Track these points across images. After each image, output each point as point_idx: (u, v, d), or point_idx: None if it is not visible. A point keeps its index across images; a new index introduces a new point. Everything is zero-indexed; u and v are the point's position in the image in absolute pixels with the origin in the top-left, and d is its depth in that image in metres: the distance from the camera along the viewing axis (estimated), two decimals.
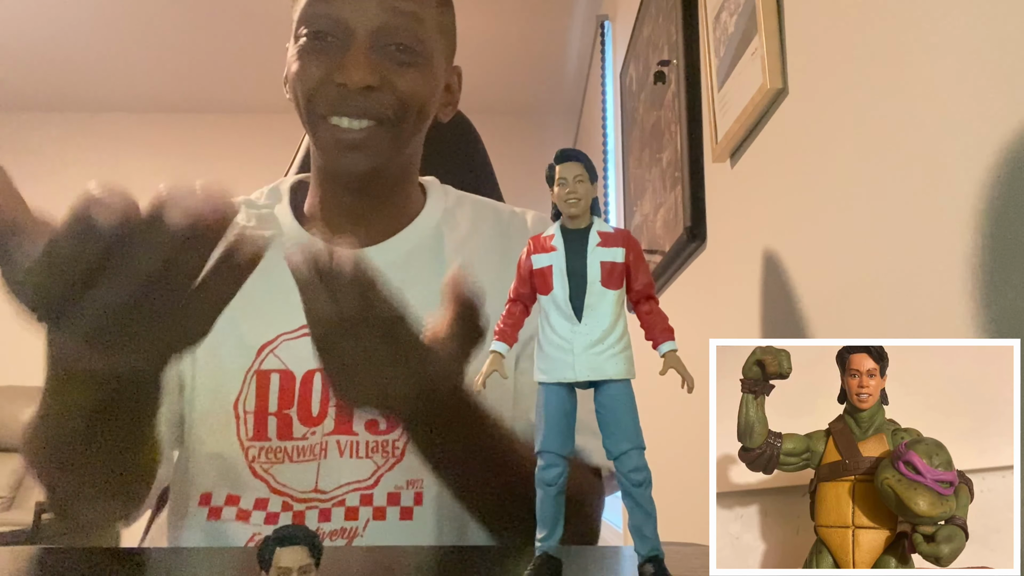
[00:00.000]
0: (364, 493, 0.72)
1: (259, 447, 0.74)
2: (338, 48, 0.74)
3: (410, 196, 0.86)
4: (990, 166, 0.52)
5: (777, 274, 0.93)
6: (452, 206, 0.88)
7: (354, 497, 0.72)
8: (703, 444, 0.39)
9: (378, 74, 0.73)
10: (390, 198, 0.83)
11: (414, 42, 0.76)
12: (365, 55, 0.73)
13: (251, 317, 0.77)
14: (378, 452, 0.74)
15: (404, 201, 0.85)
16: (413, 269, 0.80)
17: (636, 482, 0.36)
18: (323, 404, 0.75)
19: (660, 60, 1.56)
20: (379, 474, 0.74)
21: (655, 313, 0.38)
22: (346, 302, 0.49)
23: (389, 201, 0.83)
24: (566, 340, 0.37)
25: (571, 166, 0.38)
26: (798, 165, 0.87)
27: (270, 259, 0.79)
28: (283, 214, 0.85)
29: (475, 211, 0.89)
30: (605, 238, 0.38)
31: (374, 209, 0.82)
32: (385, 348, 0.51)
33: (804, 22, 0.87)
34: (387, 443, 0.74)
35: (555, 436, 0.38)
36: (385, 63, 0.74)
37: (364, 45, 0.73)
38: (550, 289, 0.38)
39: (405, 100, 0.76)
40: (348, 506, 0.72)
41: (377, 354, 0.51)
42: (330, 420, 0.74)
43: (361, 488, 0.72)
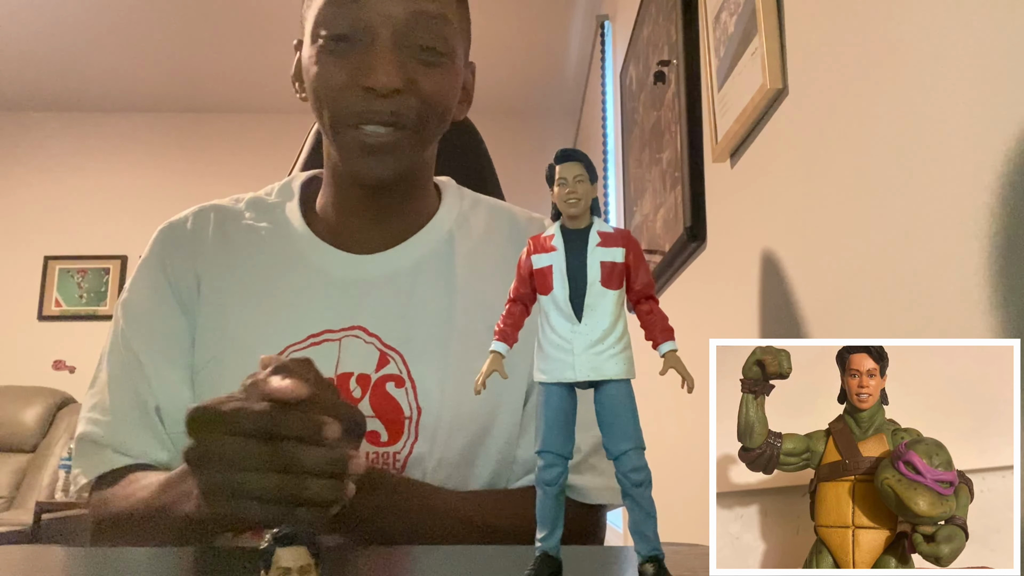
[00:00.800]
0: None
1: None
2: (362, 50, 0.72)
3: (425, 197, 0.84)
4: (990, 166, 0.52)
5: (777, 274, 0.93)
6: (467, 210, 0.86)
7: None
8: (703, 444, 0.39)
9: (404, 76, 0.71)
10: (406, 199, 0.82)
11: (438, 42, 0.74)
12: (391, 57, 0.71)
13: (259, 333, 0.76)
14: (379, 464, 0.72)
15: (420, 202, 0.83)
16: (422, 276, 0.80)
17: (636, 482, 0.36)
18: None
19: (660, 60, 1.56)
20: None
21: (655, 313, 0.38)
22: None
23: (405, 202, 0.82)
24: (566, 340, 0.37)
25: (571, 166, 0.38)
26: (798, 165, 0.87)
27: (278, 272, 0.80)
28: (292, 212, 0.83)
29: (489, 216, 0.86)
30: (605, 238, 0.38)
31: (389, 210, 0.81)
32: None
33: (804, 22, 0.87)
34: (388, 455, 0.73)
35: (555, 436, 0.37)
36: (410, 64, 0.72)
37: (388, 46, 0.71)
38: (550, 289, 0.38)
39: (429, 103, 0.74)
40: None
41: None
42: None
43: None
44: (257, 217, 0.83)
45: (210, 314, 0.77)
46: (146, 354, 0.77)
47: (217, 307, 0.78)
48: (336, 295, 0.78)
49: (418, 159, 0.78)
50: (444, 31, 0.74)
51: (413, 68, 0.73)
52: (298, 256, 0.80)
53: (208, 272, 0.79)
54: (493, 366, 0.38)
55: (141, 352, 0.77)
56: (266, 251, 0.80)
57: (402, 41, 0.72)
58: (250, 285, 0.78)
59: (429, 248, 0.81)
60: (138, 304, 0.79)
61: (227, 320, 0.77)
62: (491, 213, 0.87)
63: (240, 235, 0.81)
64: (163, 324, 0.78)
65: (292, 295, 0.78)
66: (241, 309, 0.77)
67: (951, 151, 0.57)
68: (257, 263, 0.79)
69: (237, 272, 0.79)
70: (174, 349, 0.77)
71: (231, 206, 0.85)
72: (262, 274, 0.79)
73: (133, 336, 0.78)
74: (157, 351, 0.77)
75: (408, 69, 0.72)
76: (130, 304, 0.80)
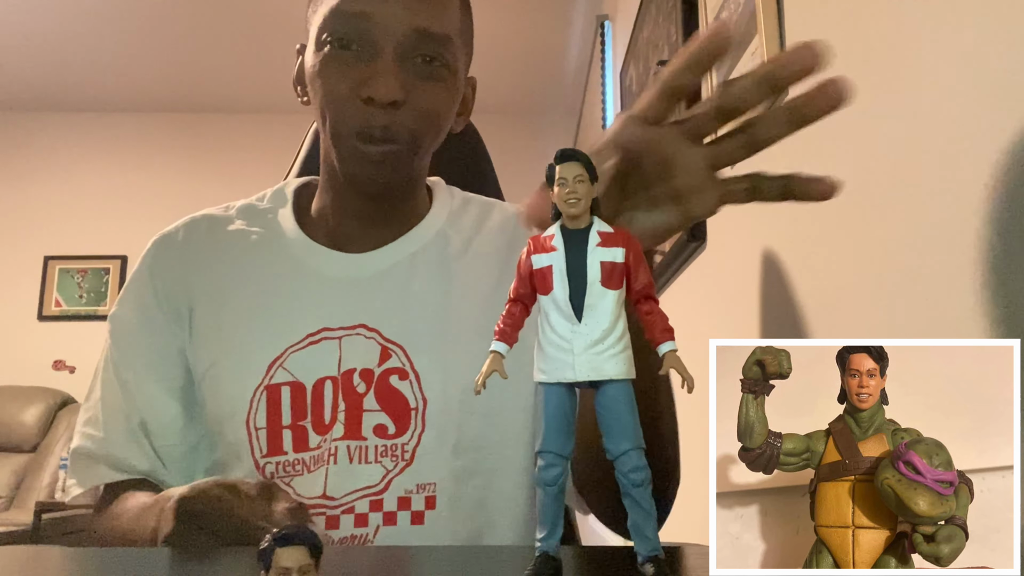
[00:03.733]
0: (373, 499, 0.72)
1: (275, 462, 0.74)
2: (364, 59, 0.73)
3: (418, 198, 0.87)
4: (991, 166, 0.52)
5: (777, 274, 0.93)
6: (458, 208, 0.88)
7: (363, 504, 0.72)
8: (703, 444, 0.39)
9: (404, 89, 0.72)
10: (401, 202, 0.84)
11: (440, 59, 0.75)
12: (392, 70, 0.72)
13: (256, 336, 0.77)
14: (387, 456, 0.73)
15: (413, 204, 0.86)
16: (417, 270, 0.81)
17: (636, 482, 0.36)
18: (333, 410, 0.74)
19: (660, 60, 1.56)
20: (389, 479, 0.73)
21: (655, 313, 0.38)
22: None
23: (399, 205, 0.84)
24: (566, 340, 0.37)
25: (571, 166, 0.38)
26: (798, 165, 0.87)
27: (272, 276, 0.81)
28: (285, 218, 0.85)
29: (480, 212, 0.89)
30: (605, 238, 0.38)
31: (383, 212, 0.83)
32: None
33: (804, 22, 0.87)
34: (396, 447, 0.73)
35: (555, 436, 0.37)
36: (411, 77, 0.73)
37: (390, 60, 0.72)
38: (550, 289, 0.38)
39: (426, 118, 0.75)
40: (357, 512, 0.71)
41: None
42: (339, 426, 0.74)
43: (370, 494, 0.72)
44: (249, 223, 0.84)
45: (205, 323, 0.79)
46: (131, 371, 0.79)
47: (212, 316, 0.79)
48: (332, 294, 0.79)
49: (411, 169, 0.80)
50: (447, 49, 0.75)
51: (413, 83, 0.73)
52: (291, 259, 0.81)
53: (201, 282, 0.81)
54: (493, 366, 0.38)
55: (126, 370, 0.79)
56: (259, 256, 0.82)
57: (404, 56, 0.73)
58: (244, 290, 0.80)
59: (422, 244, 0.83)
60: (126, 321, 0.81)
61: (223, 327, 0.78)
62: (481, 208, 0.89)
63: (232, 242, 0.83)
64: (149, 340, 0.80)
65: (287, 297, 0.79)
66: (236, 315, 0.78)
67: (951, 151, 0.57)
68: (250, 268, 0.81)
69: (231, 279, 0.80)
70: (159, 365, 0.79)
71: (222, 215, 0.86)
72: (256, 279, 0.80)
73: (119, 354, 0.80)
74: (141, 368, 0.79)
75: (408, 84, 0.73)
76: (117, 320, 0.82)
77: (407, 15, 0.72)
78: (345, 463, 0.72)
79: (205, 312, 0.79)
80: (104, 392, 0.80)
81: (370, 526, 0.71)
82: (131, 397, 0.78)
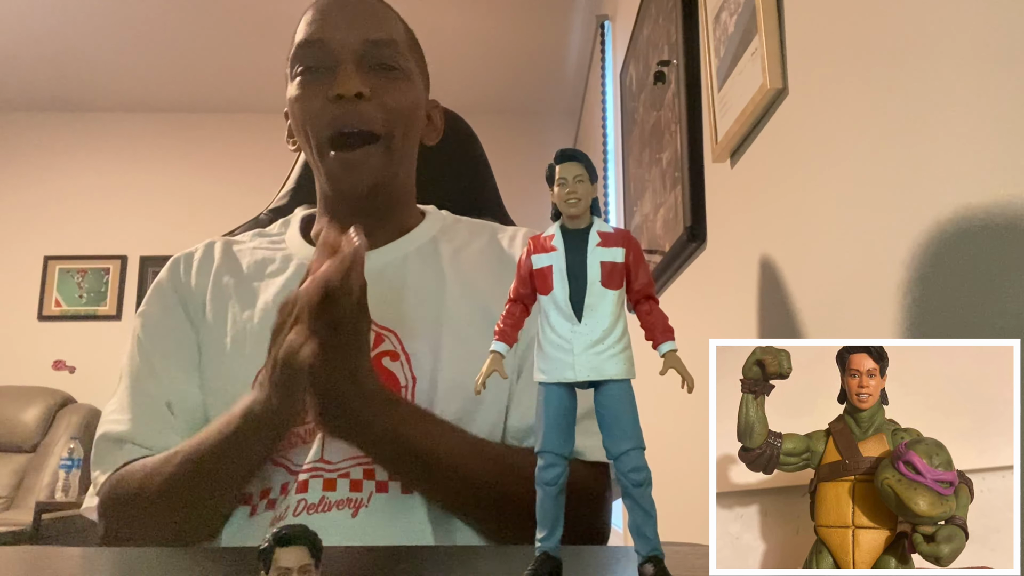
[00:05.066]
0: (367, 468, 0.75)
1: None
2: (329, 73, 0.84)
3: (409, 215, 0.94)
4: (991, 165, 0.52)
5: (777, 274, 0.93)
6: (450, 223, 0.96)
7: (358, 471, 0.75)
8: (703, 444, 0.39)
9: (367, 84, 0.83)
10: (390, 216, 0.91)
11: (392, 61, 0.86)
12: (352, 70, 0.83)
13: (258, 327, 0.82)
14: None
15: (403, 220, 0.93)
16: (410, 268, 0.87)
17: (636, 482, 0.36)
18: None
19: (660, 60, 1.56)
20: None
21: (655, 313, 0.38)
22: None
23: (389, 219, 0.91)
24: (566, 340, 0.37)
25: (571, 166, 0.38)
26: (798, 165, 0.87)
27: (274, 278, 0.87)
28: (292, 238, 0.94)
29: (471, 227, 0.96)
30: (605, 238, 0.38)
31: (376, 227, 0.88)
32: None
33: (804, 22, 0.87)
34: None
35: (555, 436, 0.38)
36: (372, 78, 0.84)
37: (351, 64, 0.84)
38: (550, 289, 0.38)
39: (393, 112, 0.85)
40: (352, 479, 0.75)
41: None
42: None
43: (364, 463, 0.75)
44: (261, 243, 0.95)
45: (215, 321, 0.86)
46: (159, 355, 0.86)
47: (221, 312, 0.86)
48: None
49: (393, 173, 0.88)
50: (397, 52, 0.87)
51: (376, 81, 0.84)
52: (294, 264, 0.89)
53: (214, 286, 0.89)
54: (493, 366, 0.38)
55: (154, 355, 0.86)
56: (267, 263, 0.91)
57: (361, 62, 0.85)
58: (250, 289, 0.88)
59: (415, 247, 0.90)
60: (152, 316, 0.90)
61: (230, 321, 0.85)
62: (472, 225, 0.97)
63: (244, 256, 0.93)
64: (173, 333, 0.88)
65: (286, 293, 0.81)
66: (242, 309, 0.86)
67: (951, 150, 0.57)
68: (258, 273, 0.90)
69: (239, 282, 0.89)
70: (183, 354, 0.86)
71: (236, 238, 0.98)
72: (262, 279, 0.89)
73: (148, 342, 0.88)
74: (168, 354, 0.86)
75: (370, 81, 0.84)
76: (145, 316, 0.91)
77: (355, 31, 0.85)
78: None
79: (215, 311, 0.87)
80: (131, 380, 0.86)
81: (364, 492, 0.74)
82: (159, 380, 0.84)
